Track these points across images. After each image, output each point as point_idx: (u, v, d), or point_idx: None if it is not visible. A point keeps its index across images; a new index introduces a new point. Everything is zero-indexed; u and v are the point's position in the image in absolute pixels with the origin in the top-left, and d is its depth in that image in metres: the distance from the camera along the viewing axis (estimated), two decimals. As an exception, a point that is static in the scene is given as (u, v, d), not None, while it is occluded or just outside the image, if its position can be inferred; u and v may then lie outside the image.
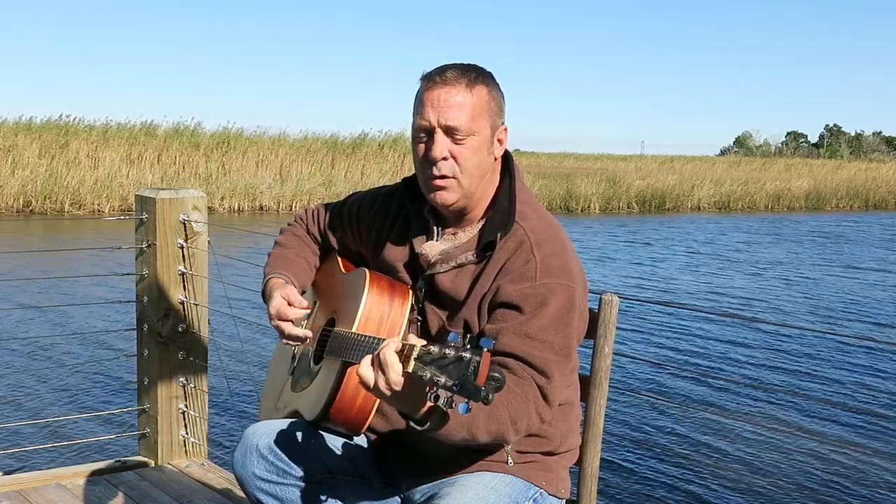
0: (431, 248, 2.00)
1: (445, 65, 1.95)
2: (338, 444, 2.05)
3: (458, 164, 1.91)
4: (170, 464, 3.62)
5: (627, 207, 29.45)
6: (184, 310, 3.59)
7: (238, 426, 6.07)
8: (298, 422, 2.05)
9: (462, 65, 1.95)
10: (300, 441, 2.01)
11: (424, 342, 1.57)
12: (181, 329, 3.59)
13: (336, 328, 2.03)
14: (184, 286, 3.58)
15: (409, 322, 1.99)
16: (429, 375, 1.50)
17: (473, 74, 1.94)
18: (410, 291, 2.01)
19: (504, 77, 2.02)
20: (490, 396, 1.47)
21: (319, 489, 2.00)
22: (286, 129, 36.52)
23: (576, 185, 28.94)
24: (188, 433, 3.66)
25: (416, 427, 1.68)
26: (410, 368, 1.54)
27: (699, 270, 15.64)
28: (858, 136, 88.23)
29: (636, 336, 9.63)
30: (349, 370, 1.90)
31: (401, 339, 1.63)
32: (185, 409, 3.64)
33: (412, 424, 1.68)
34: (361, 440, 2.09)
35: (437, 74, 1.92)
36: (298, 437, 2.02)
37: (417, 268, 2.02)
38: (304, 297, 2.23)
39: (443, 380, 1.48)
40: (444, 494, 1.89)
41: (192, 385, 3.64)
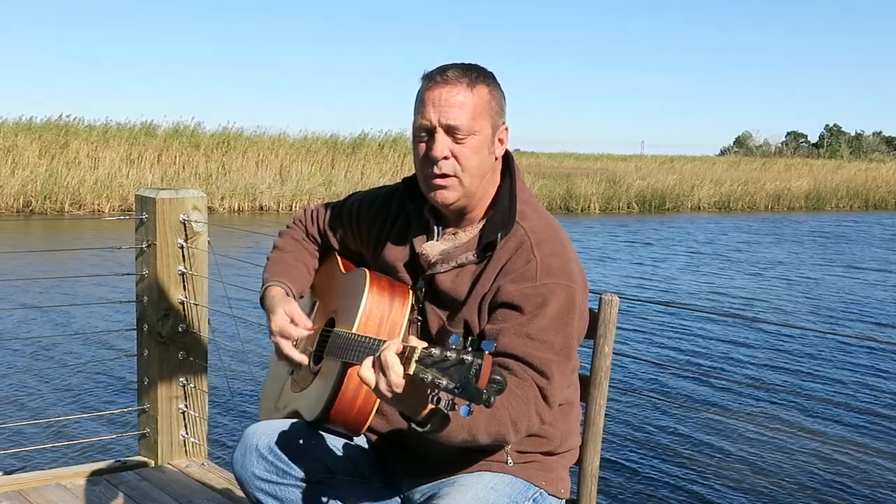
0: (432, 248, 1.99)
1: (446, 64, 1.94)
2: (338, 445, 2.05)
3: (459, 164, 1.91)
4: (170, 464, 3.62)
5: (627, 207, 29.45)
6: (184, 310, 3.59)
7: (238, 426, 6.07)
8: (298, 422, 2.05)
9: (463, 64, 1.95)
10: (300, 441, 2.01)
11: (426, 344, 1.57)
12: (181, 329, 3.58)
13: (336, 328, 2.03)
14: (184, 286, 3.58)
15: (410, 322, 1.98)
16: (430, 378, 1.50)
17: (474, 74, 1.93)
18: (411, 292, 2.01)
19: (504, 77, 2.02)
20: (492, 399, 1.47)
21: (319, 489, 2.00)
22: (286, 129, 36.65)
23: (576, 185, 28.94)
24: (188, 433, 3.66)
25: (418, 429, 1.68)
26: (412, 371, 1.54)
27: (700, 270, 15.64)
28: (858, 136, 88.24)
29: (637, 336, 9.63)
30: (349, 371, 1.90)
31: (402, 341, 1.63)
32: (185, 409, 3.64)
33: (413, 426, 1.68)
34: (361, 440, 2.08)
35: (439, 74, 1.92)
36: (298, 438, 2.02)
37: (418, 268, 2.02)
38: (304, 302, 2.23)
39: (444, 382, 1.48)
40: (444, 494, 1.89)
41: (192, 385, 3.64)
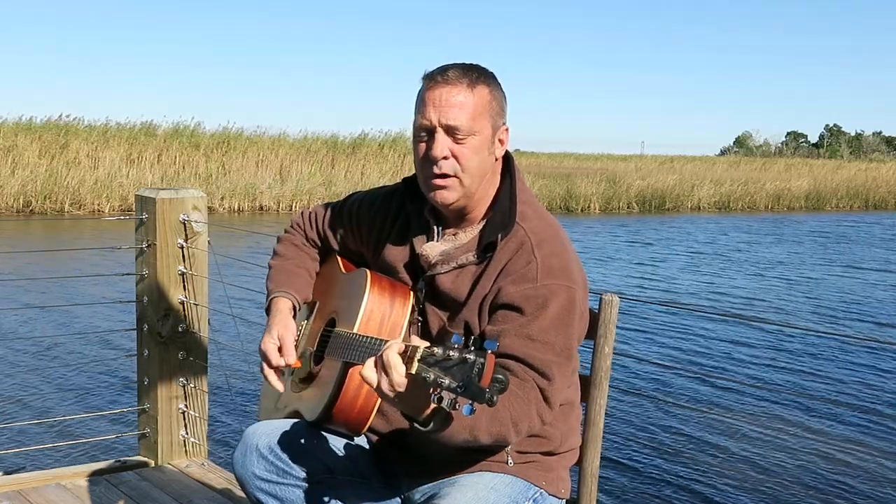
0: (432, 249, 1.99)
1: (447, 64, 1.94)
2: (338, 445, 2.05)
3: (459, 164, 1.91)
4: (170, 464, 3.62)
5: (627, 207, 29.45)
6: (184, 310, 3.59)
7: (238, 426, 6.06)
8: (299, 422, 2.05)
9: (464, 64, 1.94)
10: (300, 441, 2.01)
11: (428, 344, 1.57)
12: (181, 329, 3.58)
13: (337, 328, 2.03)
14: (184, 286, 3.58)
15: (410, 323, 1.98)
16: (432, 377, 1.50)
17: (475, 74, 1.93)
18: (411, 292, 2.01)
19: (504, 77, 2.01)
20: (494, 398, 1.47)
21: (320, 489, 2.00)
22: (286, 129, 36.60)
23: (576, 185, 28.93)
24: (188, 433, 3.66)
25: (420, 428, 1.68)
26: (413, 370, 1.54)
27: (700, 270, 15.64)
28: (858, 136, 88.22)
29: (638, 336, 9.63)
30: (350, 371, 1.90)
31: (403, 341, 1.63)
32: (185, 409, 3.64)
33: (416, 426, 1.68)
34: (362, 440, 2.08)
35: (439, 74, 1.92)
36: (299, 438, 2.02)
37: (418, 268, 2.02)
38: (304, 309, 2.23)
39: (447, 381, 1.48)
40: (445, 494, 1.89)
41: (192, 385, 3.64)
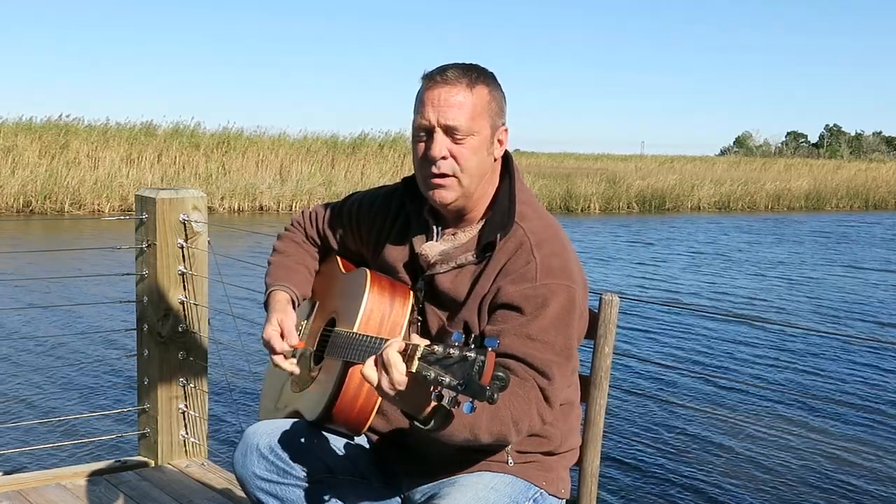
0: (431, 249, 1.99)
1: (447, 64, 1.94)
2: (338, 444, 2.05)
3: (458, 164, 1.91)
4: (170, 464, 3.62)
5: (627, 207, 29.45)
6: (184, 310, 3.59)
7: (238, 426, 6.06)
8: (299, 422, 2.05)
9: (463, 64, 1.94)
10: (301, 441, 2.01)
11: (428, 342, 1.57)
12: (181, 329, 3.58)
13: (337, 328, 2.03)
14: (184, 286, 3.58)
15: (410, 322, 1.98)
16: (433, 375, 1.50)
17: (474, 74, 1.93)
18: (411, 292, 2.01)
19: (504, 77, 2.01)
20: (495, 396, 1.47)
21: (320, 489, 2.00)
22: (286, 129, 36.59)
23: (576, 185, 28.93)
24: (188, 433, 3.66)
25: (421, 427, 1.68)
26: (414, 368, 1.54)
27: (702, 270, 15.64)
28: (858, 136, 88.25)
29: (640, 336, 9.63)
30: (351, 370, 1.90)
31: (403, 340, 1.63)
32: (185, 409, 3.64)
33: (416, 424, 1.68)
34: (362, 440, 2.08)
35: (438, 74, 1.92)
36: (299, 437, 2.02)
37: (417, 268, 2.02)
38: (304, 302, 2.23)
39: (447, 379, 1.48)
40: (445, 494, 1.89)
41: (192, 385, 3.64)
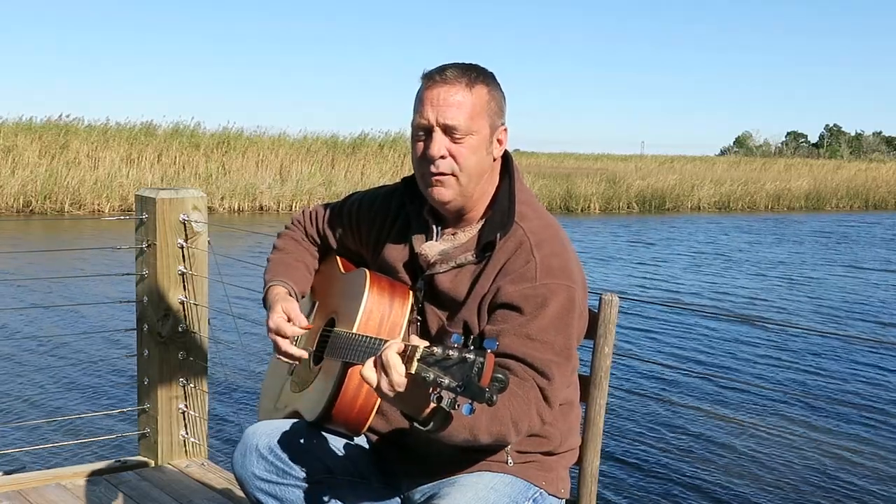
0: (431, 249, 1.99)
1: (446, 64, 1.94)
2: (338, 445, 2.05)
3: (457, 163, 1.91)
4: (170, 464, 3.62)
5: (627, 207, 29.45)
6: (184, 310, 3.59)
7: (238, 426, 6.06)
8: (298, 422, 2.05)
9: (463, 64, 1.94)
10: (300, 441, 2.01)
11: (427, 343, 1.57)
12: (181, 329, 3.58)
13: (336, 328, 2.03)
14: (184, 286, 3.58)
15: (409, 322, 1.98)
16: (432, 377, 1.50)
17: (474, 74, 1.93)
18: (411, 292, 2.01)
19: (504, 77, 2.01)
20: (494, 398, 1.47)
21: (319, 489, 2.00)
22: (286, 129, 36.58)
23: (576, 185, 28.93)
24: (188, 433, 3.66)
25: (420, 428, 1.68)
26: (413, 370, 1.54)
27: (702, 270, 15.64)
28: (858, 136, 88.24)
29: (641, 336, 9.63)
30: (350, 370, 1.90)
31: (403, 341, 1.63)
32: (185, 409, 3.64)
33: (415, 425, 1.68)
34: (362, 440, 2.08)
35: (438, 73, 1.92)
36: (298, 438, 2.02)
37: (417, 268, 2.02)
38: (304, 302, 2.23)
39: (446, 381, 1.48)
40: (444, 494, 1.88)
41: (192, 385, 3.64)
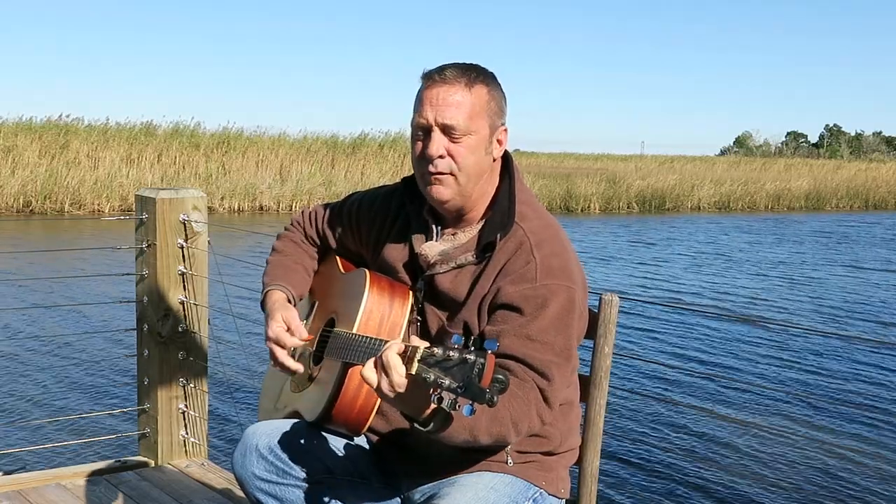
0: (431, 249, 1.99)
1: (446, 63, 1.94)
2: (338, 445, 2.05)
3: (456, 163, 1.91)
4: (170, 464, 3.62)
5: (627, 207, 29.44)
6: (184, 310, 3.59)
7: (238, 426, 6.06)
8: (299, 422, 2.05)
9: (463, 64, 1.94)
10: (300, 441, 2.01)
11: (428, 344, 1.57)
12: (181, 329, 3.58)
13: (336, 329, 2.03)
14: (184, 286, 3.58)
15: (409, 323, 1.98)
16: (433, 377, 1.50)
17: (474, 74, 1.93)
18: (411, 292, 2.01)
19: (504, 77, 2.01)
20: (495, 399, 1.47)
21: (319, 489, 2.00)
22: (286, 129, 36.57)
23: (576, 185, 28.93)
24: (188, 433, 3.66)
25: (420, 428, 1.68)
26: (413, 370, 1.54)
27: (702, 270, 15.63)
28: (858, 136, 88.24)
29: (641, 336, 9.62)
30: (350, 371, 1.90)
31: (403, 341, 1.63)
32: (185, 409, 3.64)
33: (416, 426, 1.68)
34: (362, 440, 2.08)
35: (437, 73, 1.92)
36: (298, 438, 2.02)
37: (417, 268, 2.02)
38: (303, 302, 2.23)
39: (447, 382, 1.48)
40: (444, 494, 1.88)
41: (192, 385, 3.64)
